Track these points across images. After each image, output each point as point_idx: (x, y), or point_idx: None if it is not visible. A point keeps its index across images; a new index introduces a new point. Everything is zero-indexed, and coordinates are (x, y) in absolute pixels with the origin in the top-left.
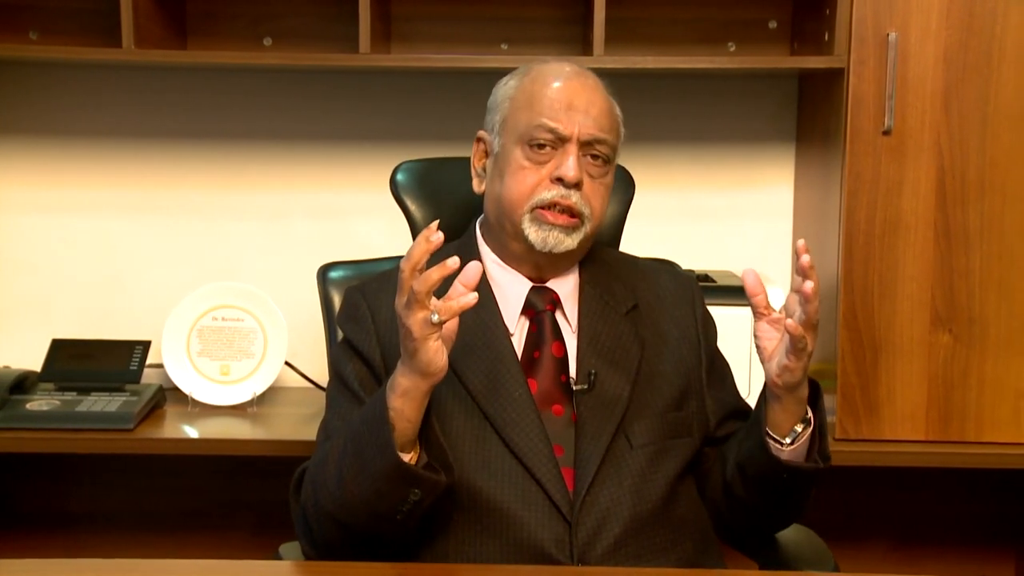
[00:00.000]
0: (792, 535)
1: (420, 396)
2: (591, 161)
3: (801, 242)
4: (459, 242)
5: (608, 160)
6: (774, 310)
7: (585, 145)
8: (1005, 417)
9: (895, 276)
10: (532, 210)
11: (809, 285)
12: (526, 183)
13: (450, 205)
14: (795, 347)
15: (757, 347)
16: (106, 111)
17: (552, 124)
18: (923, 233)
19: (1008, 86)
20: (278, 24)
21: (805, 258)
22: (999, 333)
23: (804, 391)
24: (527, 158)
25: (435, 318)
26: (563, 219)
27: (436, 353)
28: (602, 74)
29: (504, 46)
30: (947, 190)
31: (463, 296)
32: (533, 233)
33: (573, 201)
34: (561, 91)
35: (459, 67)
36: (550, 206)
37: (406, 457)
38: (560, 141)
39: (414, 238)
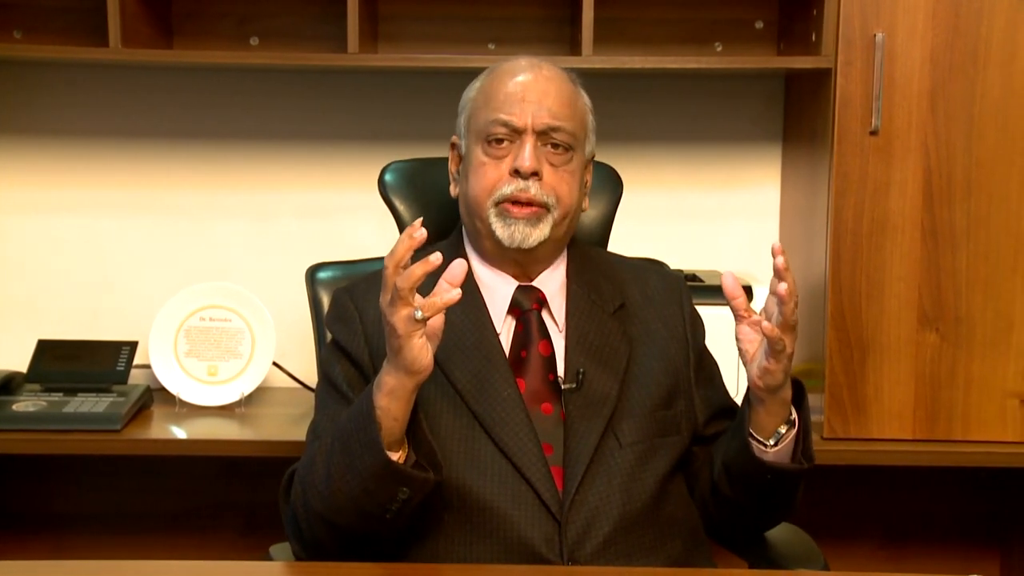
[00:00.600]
0: (781, 534)
1: (406, 394)
2: (551, 150)
3: (776, 244)
4: (446, 242)
5: (570, 147)
6: (754, 312)
7: (542, 135)
8: (991, 416)
9: (882, 276)
10: (496, 205)
11: (784, 287)
12: (487, 179)
13: (438, 205)
14: (773, 349)
15: (739, 350)
16: (92, 111)
17: (505, 118)
18: (910, 233)
19: (994, 86)
20: (265, 24)
21: (779, 260)
22: (985, 332)
23: (787, 392)
24: (486, 154)
25: (419, 315)
26: (526, 211)
27: (421, 350)
28: (590, 74)
29: (492, 46)
30: (934, 190)
31: (447, 293)
32: (500, 230)
33: (532, 193)
34: (516, 85)
35: (447, 67)
36: (513, 201)
37: (394, 456)
38: (516, 134)
39: None
